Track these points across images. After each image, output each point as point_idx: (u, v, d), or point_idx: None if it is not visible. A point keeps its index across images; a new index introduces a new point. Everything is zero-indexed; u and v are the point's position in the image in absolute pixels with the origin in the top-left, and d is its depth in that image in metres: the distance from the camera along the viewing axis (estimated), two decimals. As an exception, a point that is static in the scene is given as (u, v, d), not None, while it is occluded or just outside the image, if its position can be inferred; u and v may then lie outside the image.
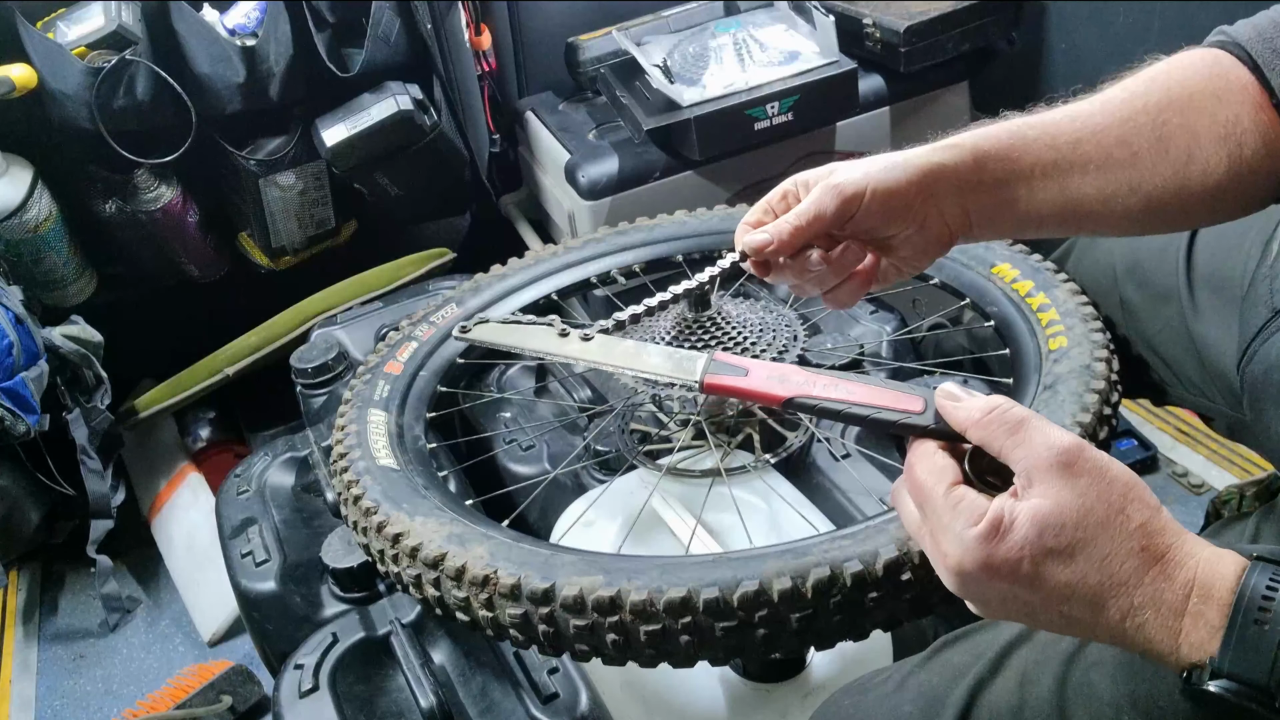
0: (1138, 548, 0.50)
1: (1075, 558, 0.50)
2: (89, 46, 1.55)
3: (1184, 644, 0.49)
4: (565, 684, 0.89)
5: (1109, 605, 0.50)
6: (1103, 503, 0.50)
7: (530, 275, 1.22)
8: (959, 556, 0.53)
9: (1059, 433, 0.52)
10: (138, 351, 1.82)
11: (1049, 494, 0.51)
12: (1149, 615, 0.50)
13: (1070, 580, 0.50)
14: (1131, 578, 0.50)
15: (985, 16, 1.69)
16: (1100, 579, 0.50)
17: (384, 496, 0.86)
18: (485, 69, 1.89)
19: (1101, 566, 0.50)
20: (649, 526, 0.95)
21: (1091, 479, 0.51)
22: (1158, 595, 0.49)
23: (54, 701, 1.59)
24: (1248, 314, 0.70)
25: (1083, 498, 0.50)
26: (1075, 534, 0.50)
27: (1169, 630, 0.49)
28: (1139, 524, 0.50)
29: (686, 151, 1.61)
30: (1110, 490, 0.51)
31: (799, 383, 0.61)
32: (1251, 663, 0.47)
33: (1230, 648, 0.47)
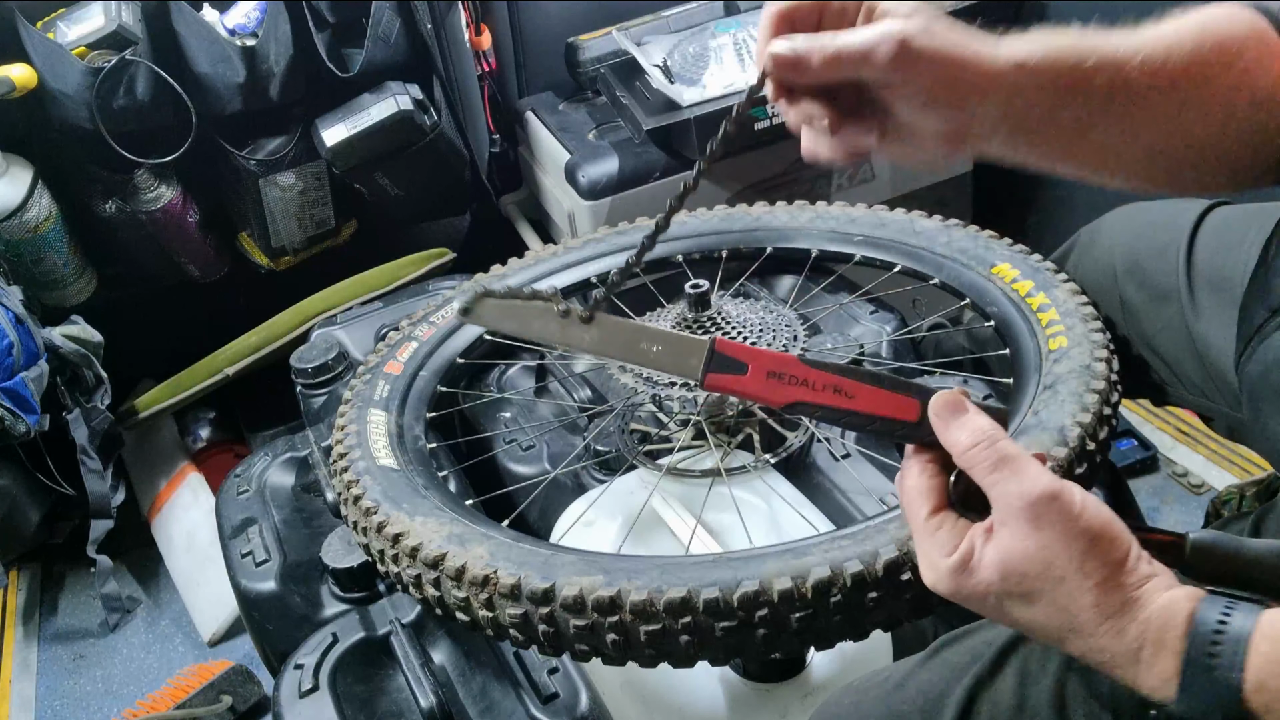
0: (1092, 602, 0.52)
1: (1035, 603, 0.53)
2: (89, 46, 1.55)
3: (1143, 686, 0.52)
4: (565, 684, 0.89)
5: (1069, 643, 0.54)
6: (1063, 557, 0.52)
7: (530, 275, 1.22)
8: (933, 580, 0.57)
9: (1035, 477, 0.54)
10: (138, 351, 1.82)
11: (1015, 540, 0.53)
12: (1106, 659, 0.53)
13: (1031, 619, 0.54)
14: (1087, 626, 0.52)
15: (984, 16, 1.69)
16: (1059, 623, 0.53)
17: (384, 496, 0.86)
18: (485, 69, 1.89)
19: (1059, 613, 0.53)
20: (649, 526, 0.95)
21: (1057, 532, 0.52)
22: (1111, 645, 0.52)
23: (54, 701, 1.59)
24: (1246, 314, 0.70)
25: (1045, 550, 0.52)
26: (1035, 583, 0.53)
27: (1128, 674, 0.52)
28: (1096, 581, 0.52)
29: (686, 151, 1.61)
30: (1073, 545, 0.52)
31: (797, 384, 0.62)
32: (1207, 705, 0.49)
33: (1187, 693, 0.50)
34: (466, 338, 1.15)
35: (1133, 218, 1.01)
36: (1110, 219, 1.04)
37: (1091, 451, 0.81)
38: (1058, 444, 0.79)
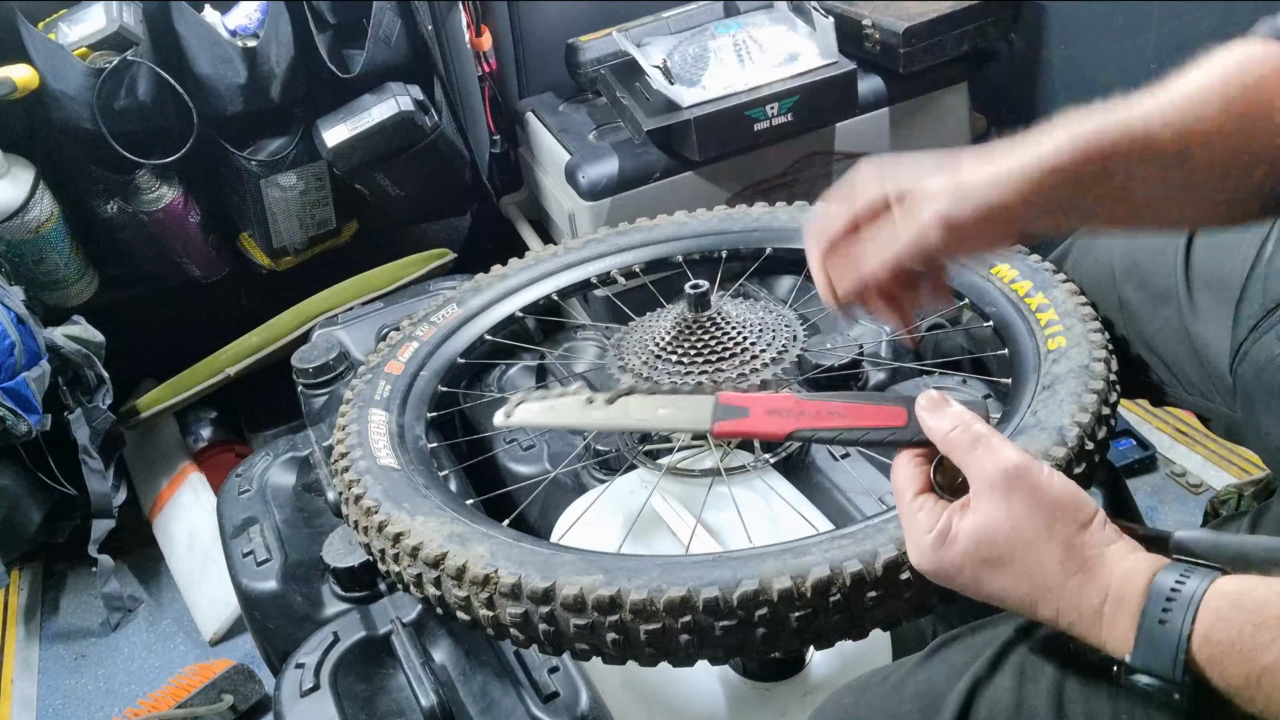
0: (1057, 561, 0.56)
1: (1005, 568, 0.58)
2: (90, 47, 1.56)
3: (1107, 643, 0.55)
4: (565, 683, 0.89)
5: (1040, 607, 0.57)
6: (1031, 522, 0.57)
7: (531, 275, 1.22)
8: (917, 560, 0.62)
9: (1007, 454, 0.59)
10: (139, 351, 1.83)
11: (987, 511, 0.58)
12: (1073, 618, 0.56)
13: (1004, 586, 0.58)
14: (1054, 586, 0.56)
15: (984, 17, 1.69)
16: (1029, 587, 0.57)
17: (385, 496, 0.87)
18: (485, 70, 1.90)
19: (1029, 577, 0.57)
20: (649, 526, 0.95)
21: (1025, 501, 0.57)
22: (1079, 603, 0.56)
23: (55, 700, 1.59)
24: (1242, 313, 0.71)
25: (1014, 517, 0.57)
26: (1005, 549, 0.57)
27: (1093, 632, 0.56)
28: (1061, 541, 0.56)
29: (686, 152, 1.62)
30: (1039, 511, 0.57)
31: (795, 415, 0.68)
32: (1158, 659, 0.52)
33: (1140, 647, 0.53)
34: (467, 338, 1.15)
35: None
36: (1109, 220, 1.04)
37: (1090, 451, 0.81)
38: (1056, 444, 0.79)
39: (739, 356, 0.93)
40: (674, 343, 0.95)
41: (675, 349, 0.94)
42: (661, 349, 0.95)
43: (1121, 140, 0.67)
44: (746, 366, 0.92)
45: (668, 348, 0.95)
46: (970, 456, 0.59)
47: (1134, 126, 0.68)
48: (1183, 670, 0.52)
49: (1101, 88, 1.78)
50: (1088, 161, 0.67)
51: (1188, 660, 0.51)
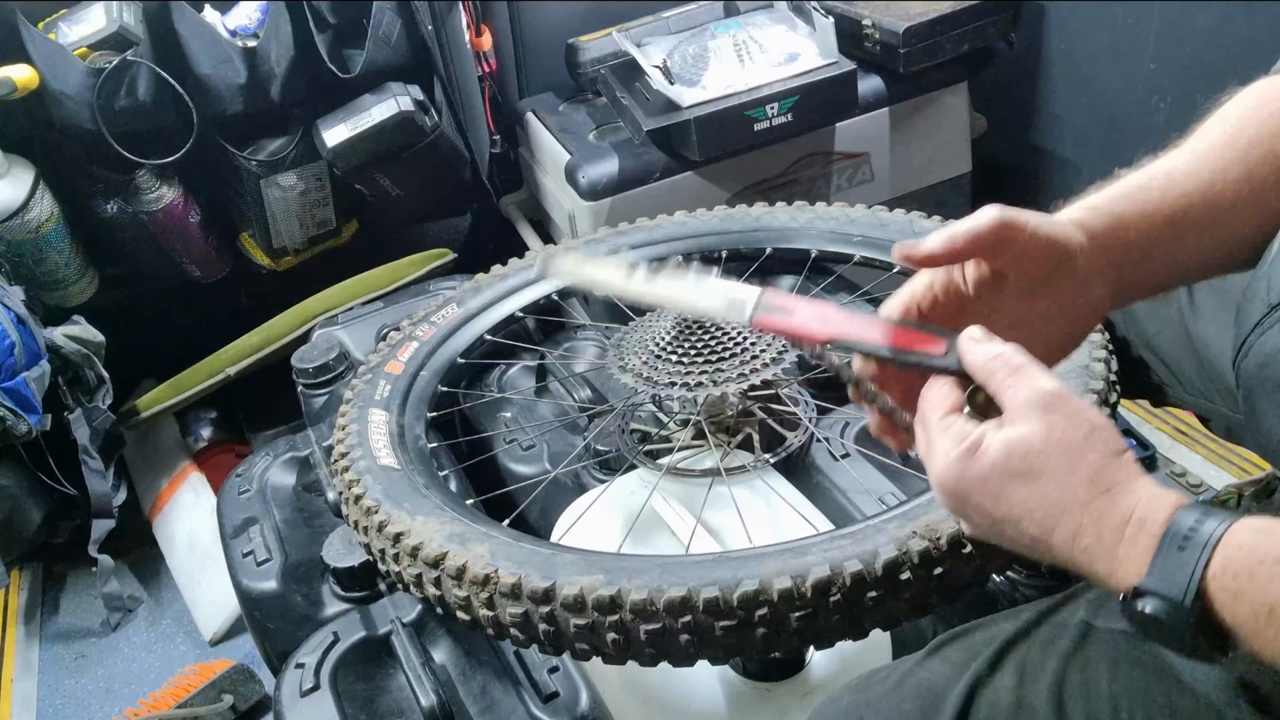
0: (1088, 478, 0.55)
1: (1034, 481, 0.56)
2: (90, 47, 1.56)
3: (1119, 567, 0.54)
4: (565, 683, 0.89)
5: (1059, 526, 0.56)
6: (1066, 438, 0.56)
7: (531, 275, 1.22)
8: (940, 472, 0.59)
9: (1048, 381, 0.58)
10: (139, 351, 1.83)
11: (1024, 425, 0.57)
12: (1091, 539, 0.55)
13: (1026, 500, 0.56)
14: (1079, 503, 0.55)
15: (984, 18, 1.69)
16: (1053, 502, 0.56)
17: (385, 496, 0.87)
18: (486, 70, 1.90)
19: (1056, 490, 0.56)
20: (649, 526, 0.95)
21: (1063, 418, 0.56)
22: (1101, 520, 0.55)
23: (55, 701, 1.59)
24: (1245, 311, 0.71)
25: (1050, 431, 0.56)
26: (1036, 461, 0.56)
27: (1109, 553, 0.54)
28: (1095, 459, 0.56)
29: (686, 152, 1.62)
30: (1076, 430, 0.56)
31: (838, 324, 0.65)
32: (1173, 581, 0.52)
33: (1155, 570, 0.53)
34: (467, 338, 1.15)
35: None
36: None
37: (1090, 451, 0.81)
38: (1056, 444, 0.79)
39: (739, 356, 0.93)
40: (674, 343, 0.95)
41: (675, 349, 0.94)
42: (661, 349, 0.95)
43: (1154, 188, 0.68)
44: (746, 366, 0.92)
45: (668, 348, 0.95)
46: (1009, 381, 0.58)
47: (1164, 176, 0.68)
48: (1194, 597, 0.51)
49: (1101, 88, 1.79)
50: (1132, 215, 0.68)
51: (1200, 588, 0.51)
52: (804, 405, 1.05)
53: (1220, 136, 0.69)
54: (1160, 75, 1.62)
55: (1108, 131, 1.76)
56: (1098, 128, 1.78)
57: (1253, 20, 1.46)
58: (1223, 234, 0.69)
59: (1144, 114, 1.67)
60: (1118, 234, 0.67)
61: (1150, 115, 1.66)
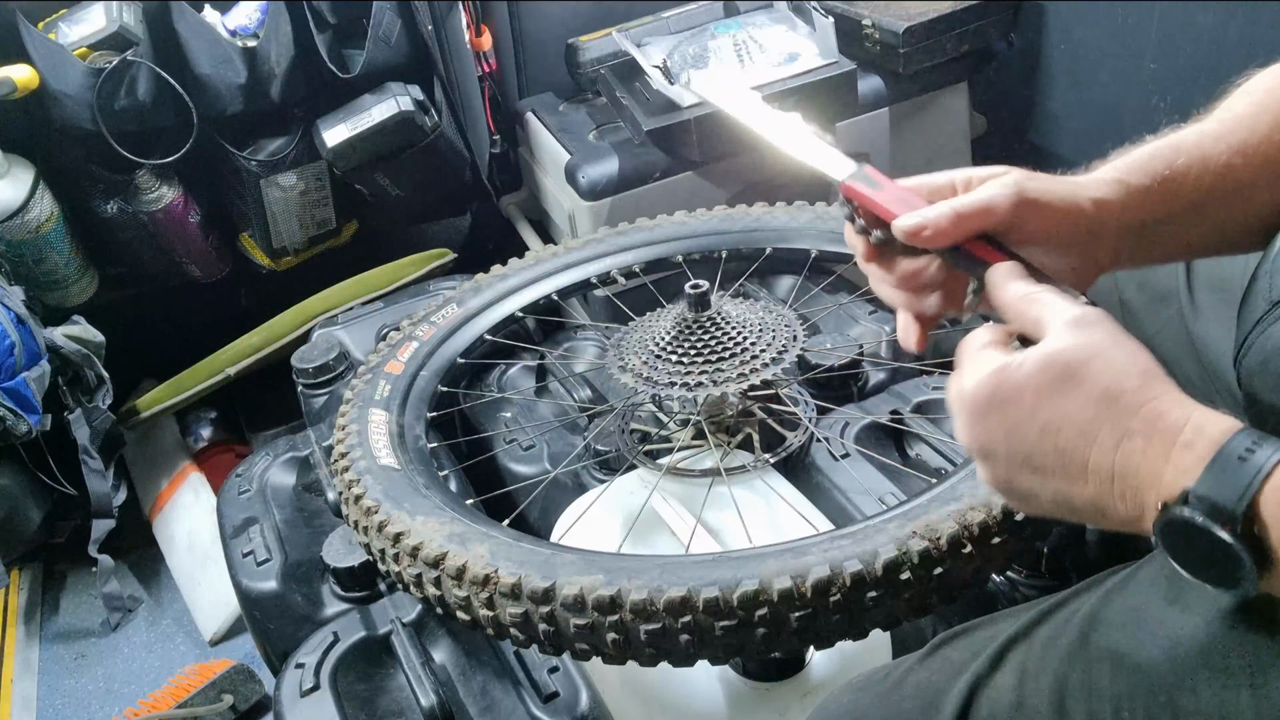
0: (1139, 383, 0.53)
1: (1078, 385, 0.53)
2: (90, 47, 1.56)
3: (1170, 469, 0.51)
4: (565, 683, 0.89)
5: (1103, 432, 0.53)
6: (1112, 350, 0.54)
7: (531, 275, 1.22)
8: (971, 386, 0.56)
9: (1083, 305, 0.57)
10: (139, 351, 1.83)
11: (1064, 340, 0.55)
12: (1140, 442, 0.52)
13: (1067, 406, 0.53)
14: (1133, 399, 0.53)
15: (984, 17, 1.69)
16: (1098, 407, 0.53)
17: (385, 496, 0.87)
18: (485, 70, 1.90)
19: (1103, 389, 0.53)
20: (649, 526, 0.95)
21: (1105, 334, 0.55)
22: (1155, 419, 0.52)
23: (55, 700, 1.59)
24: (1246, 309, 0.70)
25: (1093, 341, 0.54)
26: (1080, 368, 0.54)
27: (1161, 456, 0.52)
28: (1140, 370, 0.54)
29: (686, 152, 1.62)
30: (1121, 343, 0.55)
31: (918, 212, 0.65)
32: (1227, 487, 0.49)
33: (1211, 473, 0.50)
34: (467, 338, 1.15)
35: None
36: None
37: (1090, 451, 0.81)
38: (1056, 444, 0.79)
39: (739, 356, 0.93)
40: (674, 343, 0.95)
41: (675, 349, 0.94)
42: (661, 349, 0.95)
43: (1179, 157, 0.67)
44: (746, 366, 0.92)
45: (668, 348, 0.95)
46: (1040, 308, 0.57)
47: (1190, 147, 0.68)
48: (1248, 504, 0.48)
49: (1101, 88, 1.79)
50: (1153, 180, 0.67)
51: (1254, 500, 0.48)
52: (804, 405, 1.05)
53: (1245, 113, 0.68)
54: (1160, 75, 1.62)
55: (1108, 131, 1.76)
56: (1098, 128, 1.78)
57: (1253, 20, 1.46)
58: (1241, 211, 0.68)
59: (1144, 114, 1.67)
60: (1141, 201, 0.66)
61: (1150, 115, 1.66)
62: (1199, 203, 0.67)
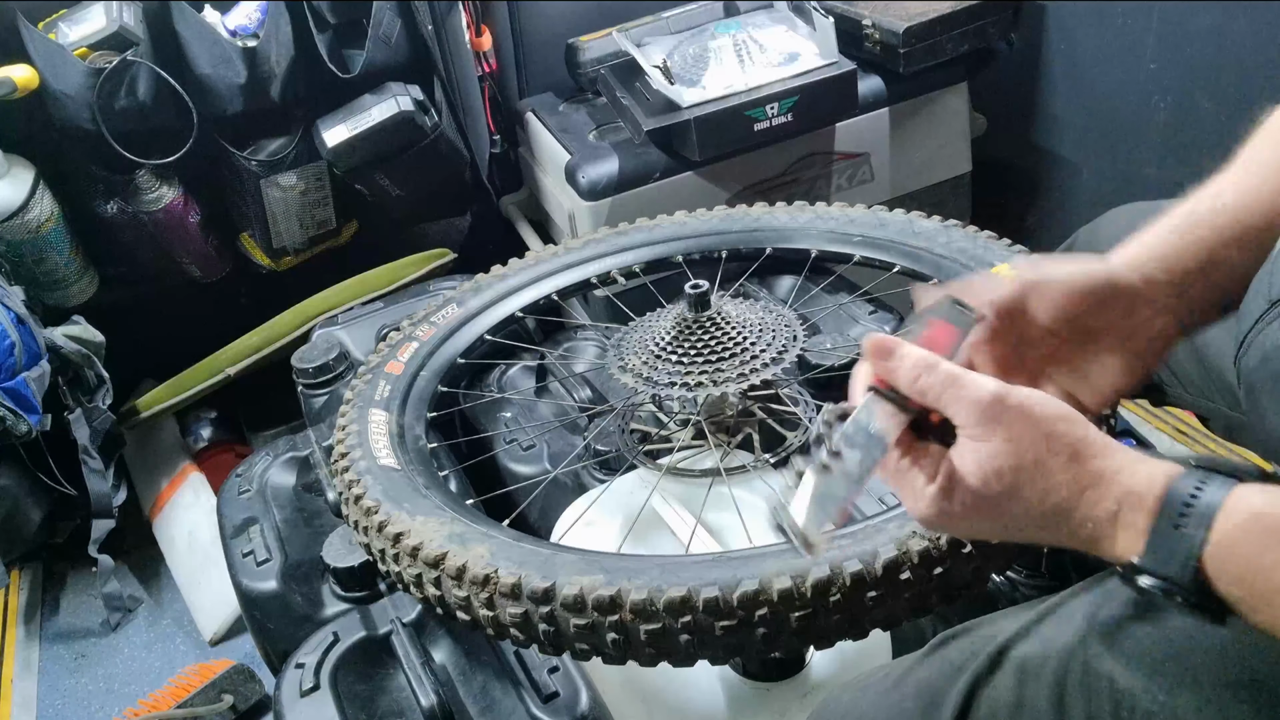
0: (1069, 478, 0.56)
1: (1020, 494, 0.56)
2: (90, 47, 1.56)
3: (1119, 547, 0.55)
4: (565, 683, 0.89)
5: (1060, 525, 0.57)
6: (1030, 443, 0.56)
7: (531, 275, 1.22)
8: (924, 510, 0.59)
9: (981, 384, 0.58)
10: (139, 351, 1.83)
11: (984, 445, 0.57)
12: (1090, 528, 0.56)
13: (1021, 511, 0.57)
14: (1070, 500, 0.56)
15: (984, 18, 1.69)
16: (1044, 507, 0.56)
17: (385, 496, 0.87)
18: (486, 70, 1.90)
19: (1043, 498, 0.56)
20: (649, 526, 0.95)
21: (1020, 423, 0.56)
22: (1095, 511, 0.55)
23: (55, 700, 1.59)
24: (1246, 307, 0.71)
25: (1012, 442, 0.56)
26: (1013, 476, 0.56)
27: (1107, 538, 0.55)
28: (1067, 455, 0.56)
29: (686, 152, 1.62)
30: (1036, 430, 0.56)
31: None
32: (1168, 561, 0.52)
33: (1151, 549, 0.53)
34: (467, 338, 1.15)
35: (1131, 217, 1.01)
36: (1109, 218, 1.04)
37: (1090, 451, 0.81)
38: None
39: (739, 356, 0.93)
40: (674, 343, 0.95)
41: (675, 349, 0.94)
42: (661, 349, 0.95)
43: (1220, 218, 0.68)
44: (746, 366, 0.92)
45: (668, 348, 0.95)
46: (947, 398, 0.58)
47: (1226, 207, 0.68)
48: (1193, 575, 0.51)
49: (1101, 88, 1.79)
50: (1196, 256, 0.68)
51: (1198, 568, 0.51)
52: (804, 405, 1.05)
53: (1270, 160, 0.69)
54: (1160, 75, 1.62)
55: (1108, 131, 1.76)
56: (1098, 128, 1.78)
57: (1253, 20, 1.46)
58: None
59: (1144, 114, 1.67)
60: (1174, 267, 0.68)
61: (1150, 115, 1.66)
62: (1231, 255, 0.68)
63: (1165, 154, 1.67)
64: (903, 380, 0.60)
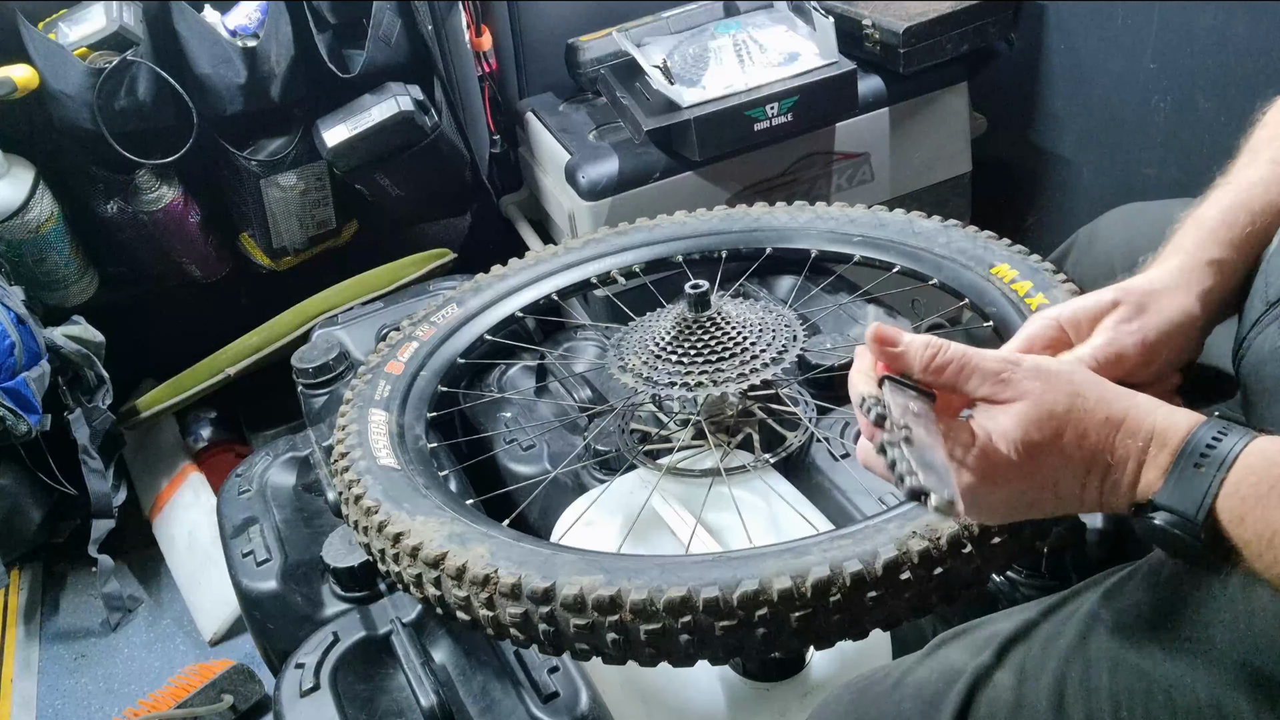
0: (1102, 417, 0.57)
1: (1060, 443, 0.57)
2: (90, 47, 1.56)
3: (1141, 483, 0.56)
4: (565, 683, 0.89)
5: (1092, 473, 0.57)
6: (1058, 393, 0.57)
7: (530, 276, 1.22)
8: (966, 480, 0.58)
9: (994, 354, 0.60)
10: (139, 351, 1.83)
11: (1014, 404, 0.57)
12: (1119, 474, 0.57)
13: (1058, 463, 0.57)
14: (1104, 443, 0.57)
15: (984, 17, 1.69)
16: (1083, 453, 0.57)
17: (385, 496, 0.87)
18: (486, 70, 1.90)
19: (1080, 442, 0.57)
20: (649, 526, 0.95)
21: (1041, 378, 0.58)
22: (1126, 452, 0.57)
23: (55, 700, 1.59)
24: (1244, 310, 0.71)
25: (1042, 394, 0.57)
26: (1051, 424, 0.57)
27: (1133, 477, 0.57)
28: (1095, 398, 0.58)
29: (686, 152, 1.62)
30: (1059, 380, 0.58)
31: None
32: (1185, 498, 0.54)
33: (1170, 485, 0.55)
34: (467, 338, 1.15)
35: (1131, 217, 1.01)
36: (1108, 219, 1.04)
37: (1090, 451, 0.81)
38: (1056, 444, 0.79)
39: (739, 356, 0.93)
40: (674, 343, 0.95)
41: (675, 349, 0.94)
42: (661, 349, 0.95)
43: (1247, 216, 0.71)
44: (746, 366, 0.92)
45: (668, 348, 0.95)
46: (965, 371, 0.59)
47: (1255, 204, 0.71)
48: (1206, 514, 0.53)
49: (1101, 88, 1.79)
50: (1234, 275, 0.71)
51: (1212, 507, 0.52)
52: (804, 405, 1.05)
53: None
54: (1160, 75, 1.62)
55: (1108, 131, 1.76)
56: (1098, 128, 1.78)
57: (1253, 20, 1.46)
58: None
59: (1144, 114, 1.67)
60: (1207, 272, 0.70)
61: (1150, 115, 1.66)
62: (1256, 249, 0.70)
63: (1165, 154, 1.67)
64: (915, 363, 0.60)
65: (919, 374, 0.61)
